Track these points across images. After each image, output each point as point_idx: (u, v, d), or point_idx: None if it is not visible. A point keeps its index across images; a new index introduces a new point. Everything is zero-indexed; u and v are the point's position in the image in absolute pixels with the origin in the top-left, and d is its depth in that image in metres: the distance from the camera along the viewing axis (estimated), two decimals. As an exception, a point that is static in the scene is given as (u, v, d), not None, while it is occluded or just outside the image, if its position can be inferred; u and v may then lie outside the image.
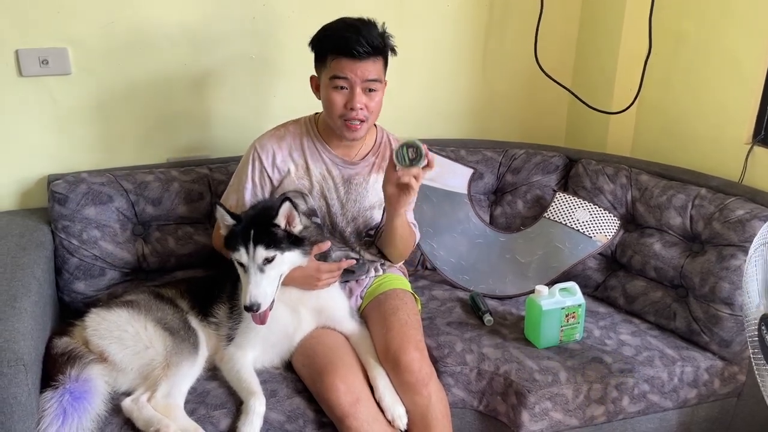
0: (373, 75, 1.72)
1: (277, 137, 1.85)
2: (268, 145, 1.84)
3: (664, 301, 2.01)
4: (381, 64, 1.75)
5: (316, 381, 1.63)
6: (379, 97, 1.77)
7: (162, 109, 2.18)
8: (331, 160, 1.86)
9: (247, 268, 1.58)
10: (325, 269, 1.72)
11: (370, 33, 1.70)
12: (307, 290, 1.74)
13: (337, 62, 1.71)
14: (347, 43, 1.68)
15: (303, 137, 1.86)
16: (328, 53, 1.72)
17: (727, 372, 1.87)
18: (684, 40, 2.26)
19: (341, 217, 1.89)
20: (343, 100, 1.73)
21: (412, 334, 1.73)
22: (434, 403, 1.65)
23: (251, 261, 1.58)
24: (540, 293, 1.85)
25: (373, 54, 1.70)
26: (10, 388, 1.34)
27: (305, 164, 1.85)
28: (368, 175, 1.89)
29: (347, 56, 1.69)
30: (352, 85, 1.71)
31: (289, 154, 1.84)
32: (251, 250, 1.58)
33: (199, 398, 1.61)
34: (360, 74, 1.70)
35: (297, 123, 1.89)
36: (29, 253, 1.78)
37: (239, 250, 1.58)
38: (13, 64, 1.98)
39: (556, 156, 2.35)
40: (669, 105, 2.35)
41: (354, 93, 1.72)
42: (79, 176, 1.99)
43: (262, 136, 1.87)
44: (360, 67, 1.70)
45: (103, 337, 1.61)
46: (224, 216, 1.64)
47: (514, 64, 2.57)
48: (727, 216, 1.90)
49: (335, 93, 1.73)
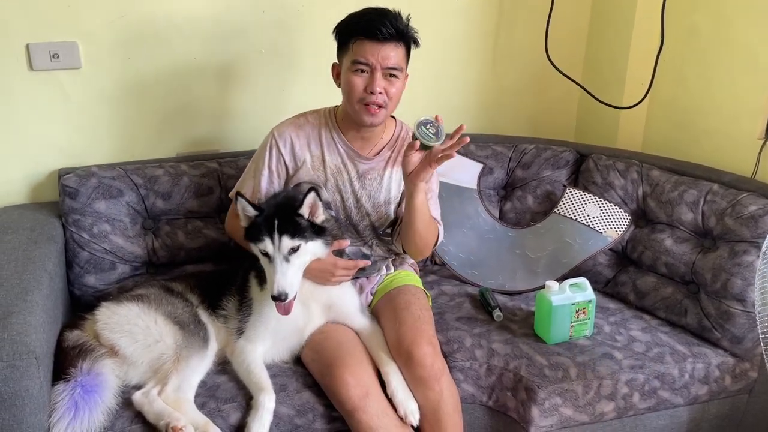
0: (393, 62, 1.71)
1: (295, 126, 1.85)
2: (287, 133, 1.83)
3: (675, 297, 2.00)
4: (403, 51, 1.74)
5: (325, 375, 1.64)
6: (399, 84, 1.75)
7: (172, 104, 2.19)
8: (347, 153, 1.85)
9: (272, 258, 1.59)
10: (341, 265, 1.73)
11: (395, 18, 1.70)
12: (319, 284, 1.74)
13: (359, 45, 1.70)
14: (371, 23, 1.68)
15: (321, 128, 1.85)
16: (352, 36, 1.72)
17: (738, 369, 1.86)
18: (697, 34, 2.24)
19: (355, 211, 1.89)
20: (363, 84, 1.72)
21: (425, 329, 1.72)
22: (446, 398, 1.65)
23: (277, 251, 1.58)
24: (550, 289, 1.84)
25: (396, 38, 1.70)
26: (22, 381, 1.35)
27: (321, 156, 1.84)
28: (383, 171, 1.88)
29: (370, 38, 1.68)
30: (372, 69, 1.70)
31: (306, 143, 1.84)
32: (276, 240, 1.58)
33: (209, 392, 1.62)
34: (381, 58, 1.69)
35: (316, 113, 1.88)
36: (40, 246, 1.79)
37: (263, 240, 1.58)
38: (23, 58, 1.99)
39: (566, 151, 2.34)
40: (681, 99, 2.33)
41: (374, 77, 1.70)
42: (90, 170, 2.00)
43: (281, 123, 1.86)
44: (382, 50, 1.68)
45: (114, 331, 1.61)
46: (246, 207, 1.64)
47: (525, 59, 2.55)
48: (740, 212, 1.89)
49: (355, 76, 1.72)
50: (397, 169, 1.89)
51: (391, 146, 1.90)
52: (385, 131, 1.89)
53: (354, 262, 1.76)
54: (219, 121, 2.26)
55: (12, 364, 1.34)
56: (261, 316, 1.70)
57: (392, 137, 1.91)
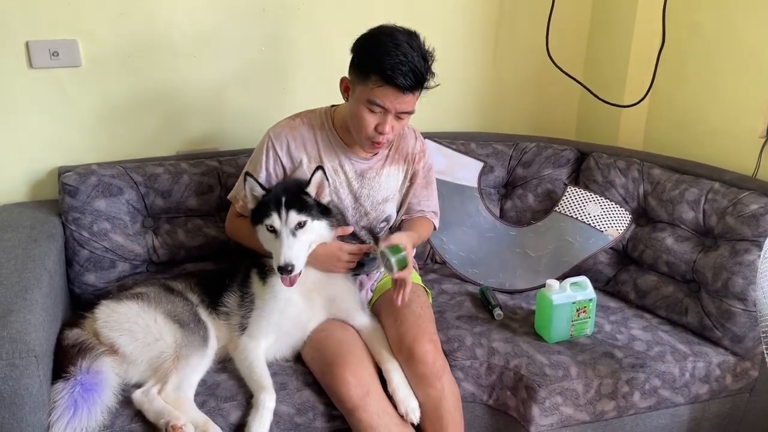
0: (409, 107, 1.70)
1: (291, 127, 1.84)
2: (282, 134, 1.82)
3: (675, 296, 1.99)
4: (419, 93, 1.71)
5: (326, 373, 1.63)
6: (407, 121, 1.75)
7: (172, 102, 2.18)
8: (344, 154, 1.85)
9: (279, 233, 1.62)
10: (347, 249, 1.73)
11: (418, 62, 1.62)
12: (325, 271, 1.74)
13: (380, 90, 1.64)
14: (398, 71, 1.60)
15: (317, 129, 1.84)
16: (373, 74, 1.63)
17: (739, 368, 1.86)
18: (698, 32, 2.23)
19: (353, 211, 1.88)
20: (374, 122, 1.69)
21: (426, 327, 1.72)
22: (447, 396, 1.65)
23: (284, 225, 1.62)
24: (551, 287, 1.84)
25: (417, 88, 1.66)
26: (22, 379, 1.35)
27: (318, 157, 1.83)
28: (381, 169, 1.88)
29: (392, 87, 1.63)
30: (386, 111, 1.68)
31: (302, 144, 1.83)
32: (283, 215, 1.62)
33: (209, 390, 1.62)
34: (398, 105, 1.67)
35: (312, 114, 1.87)
36: (40, 244, 1.78)
37: (271, 215, 1.62)
38: (23, 56, 1.99)
39: (567, 149, 2.34)
40: (682, 98, 2.32)
41: (386, 119, 1.69)
42: (90, 168, 2.00)
43: (276, 124, 1.85)
44: (401, 100, 1.66)
45: (113, 329, 1.61)
46: (255, 187, 1.68)
47: (525, 57, 2.55)
48: (741, 210, 1.88)
49: (368, 114, 1.69)
50: (395, 166, 1.90)
51: (388, 144, 1.88)
52: None
53: (359, 247, 1.77)
54: (219, 120, 2.26)
55: (12, 363, 1.34)
56: (263, 311, 1.70)
57: None
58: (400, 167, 1.92)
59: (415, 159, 1.93)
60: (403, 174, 1.93)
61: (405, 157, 1.92)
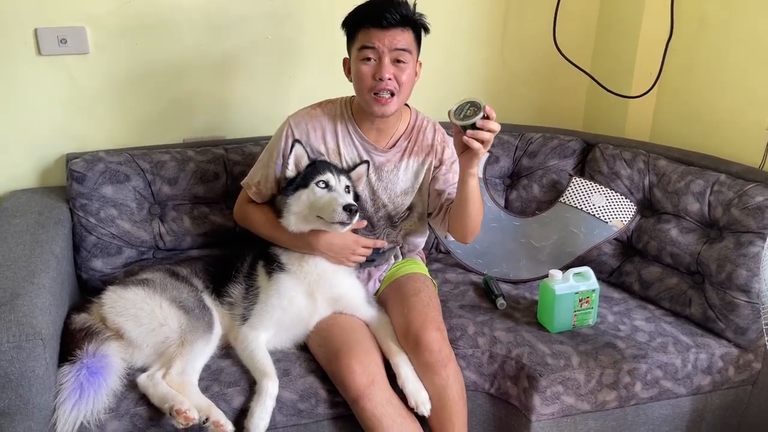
0: (402, 44, 1.68)
1: (311, 116, 1.83)
2: (303, 123, 1.82)
3: (679, 287, 1.99)
4: (411, 36, 1.71)
5: (331, 361, 1.64)
6: (409, 70, 1.72)
7: (179, 89, 2.19)
8: (362, 146, 1.84)
9: (333, 188, 1.70)
10: (362, 243, 1.75)
11: (400, 4, 1.68)
12: (335, 263, 1.75)
13: (365, 32, 1.68)
14: (376, 11, 1.66)
15: (337, 119, 1.84)
16: (358, 26, 1.71)
17: (742, 359, 1.85)
18: (707, 23, 2.21)
19: (371, 203, 1.88)
20: (371, 72, 1.70)
21: (433, 315, 1.73)
22: (452, 385, 1.66)
23: (338, 184, 1.71)
24: (554, 278, 1.84)
25: (402, 23, 1.67)
26: (29, 362, 1.37)
27: (337, 148, 1.83)
28: (399, 162, 1.87)
29: (375, 25, 1.66)
30: (380, 55, 1.68)
31: (322, 135, 1.82)
32: (336, 175, 1.73)
33: (212, 376, 1.63)
34: (388, 43, 1.66)
35: (332, 104, 1.87)
36: (48, 230, 1.80)
37: (325, 173, 1.71)
38: (32, 42, 2.00)
39: (573, 140, 2.33)
40: (690, 89, 2.31)
41: (382, 63, 1.68)
42: (97, 155, 2.01)
43: (297, 113, 1.85)
44: (388, 35, 1.66)
45: (120, 315, 1.63)
46: (303, 155, 1.76)
47: (533, 47, 2.54)
48: (746, 202, 1.88)
49: (363, 65, 1.70)
50: (414, 159, 1.88)
51: (407, 137, 1.88)
52: (401, 122, 1.87)
53: (372, 241, 1.78)
54: (225, 108, 2.27)
55: (18, 345, 1.36)
56: (266, 305, 1.71)
57: (408, 127, 1.88)
58: (419, 159, 1.89)
59: (437, 150, 1.89)
60: (426, 166, 1.89)
61: (426, 150, 1.89)
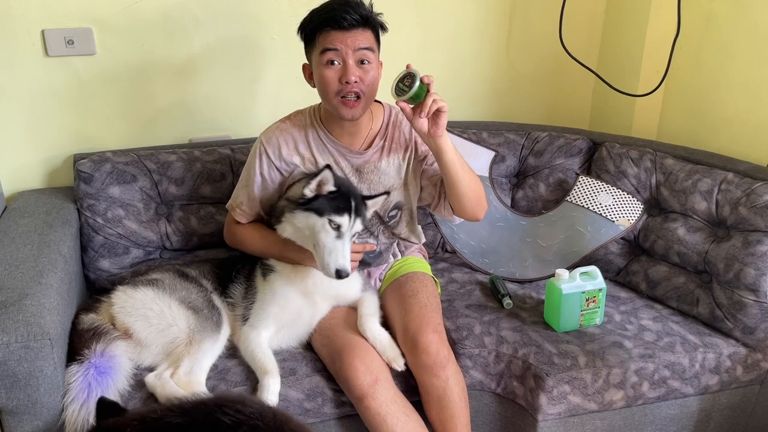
0: (364, 43, 1.65)
1: (281, 129, 1.80)
2: (273, 138, 1.79)
3: (687, 286, 1.98)
4: (371, 36, 1.68)
5: (335, 360, 1.65)
6: (373, 71, 1.69)
7: (185, 90, 2.20)
8: (337, 151, 1.81)
9: (342, 236, 1.62)
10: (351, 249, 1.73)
11: (357, 5, 1.65)
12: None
13: (325, 35, 1.64)
14: (334, 13, 1.62)
15: (307, 129, 1.80)
16: (316, 30, 1.66)
17: (750, 359, 1.85)
18: (714, 20, 2.20)
19: None
20: (336, 75, 1.66)
21: (431, 317, 1.73)
22: (451, 386, 1.66)
23: (349, 230, 1.64)
24: (560, 277, 1.84)
25: (362, 24, 1.64)
26: (37, 362, 1.38)
27: (312, 157, 1.79)
28: (379, 161, 1.83)
29: (335, 27, 1.63)
30: (343, 57, 1.64)
31: (294, 147, 1.79)
32: (352, 220, 1.64)
33: (219, 375, 1.64)
34: (350, 43, 1.63)
35: (301, 114, 1.84)
36: (55, 230, 1.81)
37: (343, 215, 1.62)
38: (39, 44, 2.01)
39: (579, 139, 2.32)
40: (697, 87, 2.30)
41: (347, 65, 1.64)
42: (104, 155, 2.02)
43: (267, 129, 1.82)
44: (349, 36, 1.63)
45: (129, 315, 1.64)
46: (329, 182, 1.63)
47: (539, 46, 2.53)
48: (754, 201, 1.87)
49: (327, 69, 1.66)
50: (394, 155, 1.85)
51: (383, 135, 1.84)
52: (373, 121, 1.83)
53: (362, 245, 1.78)
54: (232, 108, 2.27)
55: (26, 345, 1.37)
56: (263, 304, 1.72)
57: (382, 125, 1.85)
58: (399, 155, 1.86)
59: (416, 142, 1.85)
60: (406, 161, 1.86)
61: (404, 145, 1.85)
